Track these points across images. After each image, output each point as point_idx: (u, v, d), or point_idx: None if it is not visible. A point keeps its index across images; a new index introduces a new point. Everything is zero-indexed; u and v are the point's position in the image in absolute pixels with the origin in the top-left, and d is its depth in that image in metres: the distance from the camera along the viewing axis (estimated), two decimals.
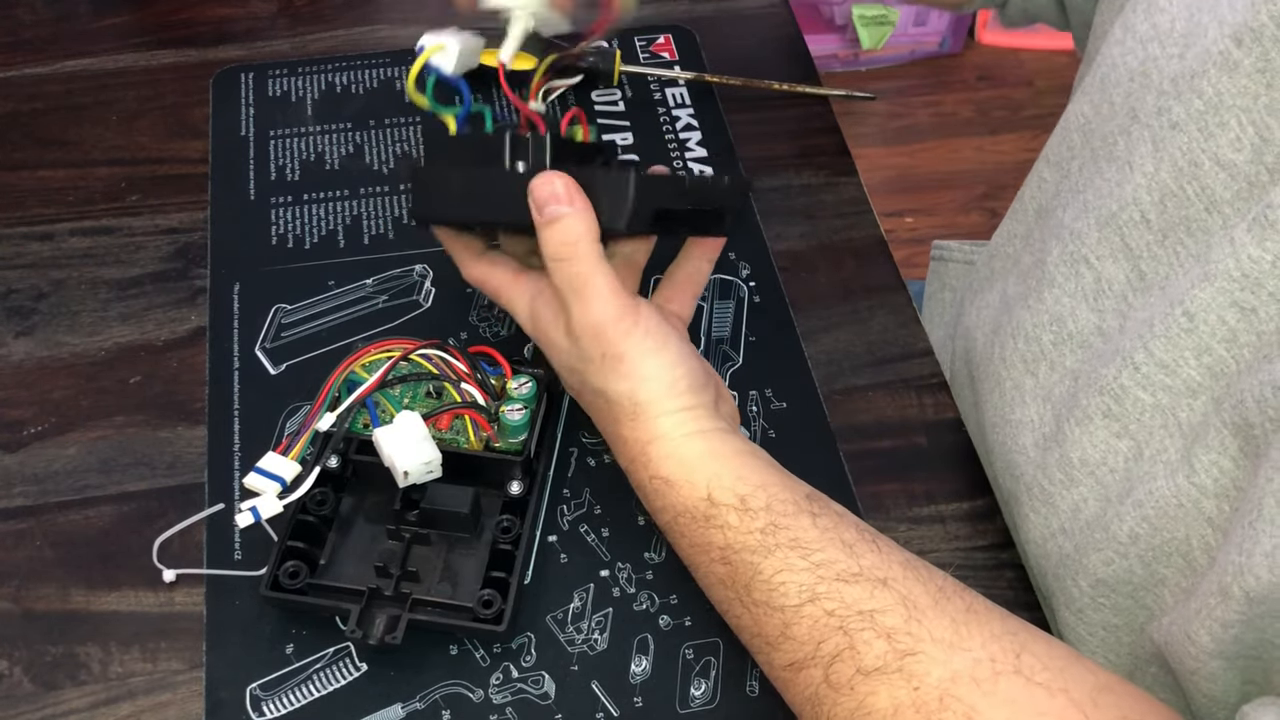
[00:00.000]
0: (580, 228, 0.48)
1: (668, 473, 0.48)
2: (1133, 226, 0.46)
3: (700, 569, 0.48)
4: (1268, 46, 0.40)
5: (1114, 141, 0.48)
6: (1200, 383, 0.43)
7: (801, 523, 0.45)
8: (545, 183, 0.48)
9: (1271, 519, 0.39)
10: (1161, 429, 0.45)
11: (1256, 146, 0.41)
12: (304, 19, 0.78)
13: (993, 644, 0.41)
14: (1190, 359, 0.43)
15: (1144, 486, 0.45)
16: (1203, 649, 0.43)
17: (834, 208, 0.69)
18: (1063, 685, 0.40)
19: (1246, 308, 0.41)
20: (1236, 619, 0.41)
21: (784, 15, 0.80)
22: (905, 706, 0.40)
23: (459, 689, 0.50)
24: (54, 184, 0.68)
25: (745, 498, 0.46)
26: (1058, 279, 0.51)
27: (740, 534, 0.46)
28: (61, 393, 0.59)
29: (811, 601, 0.43)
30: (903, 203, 1.66)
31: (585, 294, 0.48)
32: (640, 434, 0.49)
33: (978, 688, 0.40)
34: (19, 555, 0.53)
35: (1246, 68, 0.41)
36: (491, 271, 0.54)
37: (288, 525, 0.51)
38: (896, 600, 0.43)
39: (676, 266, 0.56)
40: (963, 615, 0.42)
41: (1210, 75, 0.42)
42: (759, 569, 0.45)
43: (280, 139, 0.70)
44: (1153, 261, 0.46)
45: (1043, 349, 0.52)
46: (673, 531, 0.49)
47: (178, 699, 0.50)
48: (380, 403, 0.54)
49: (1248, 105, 0.41)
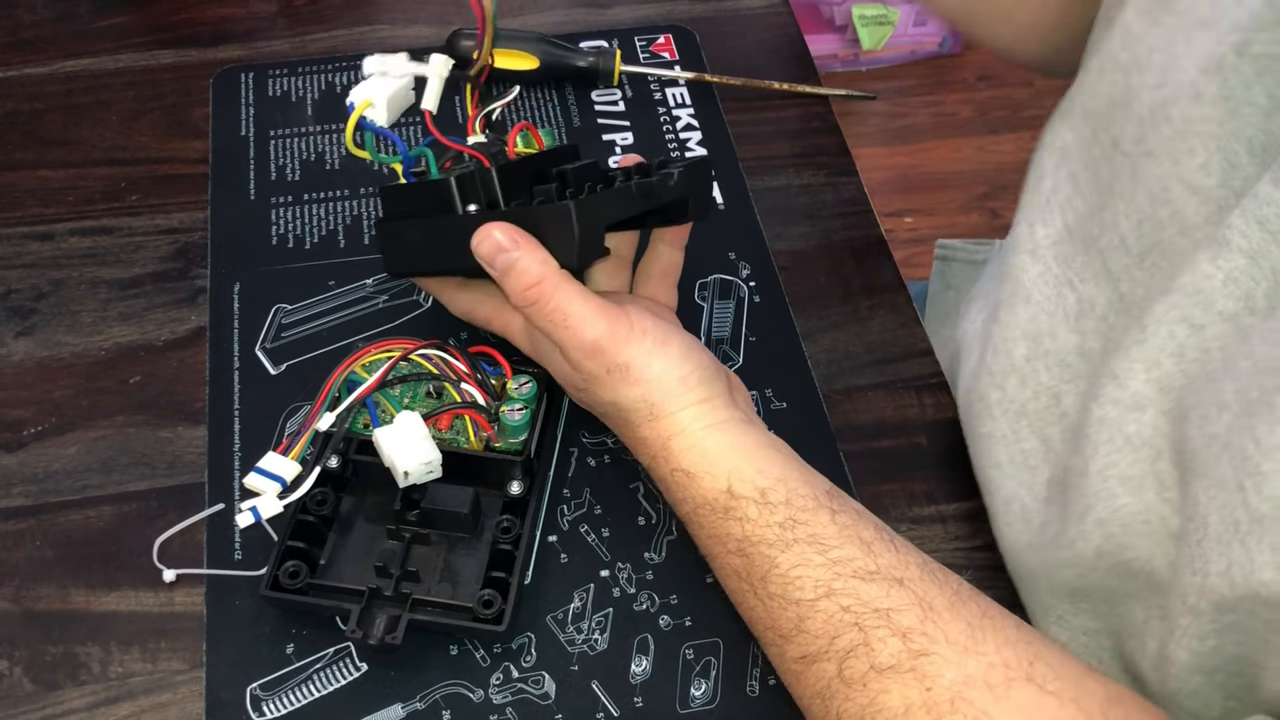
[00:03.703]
0: (535, 267, 0.47)
1: (689, 465, 0.48)
2: (1113, 250, 0.47)
3: (717, 560, 0.48)
4: (1228, 75, 0.41)
5: (1096, 169, 0.49)
6: (1148, 396, 0.44)
7: (820, 519, 0.45)
8: (484, 238, 0.48)
9: (1218, 537, 0.39)
10: (1107, 443, 0.45)
11: (1224, 170, 0.42)
12: (304, 19, 0.78)
13: (1007, 650, 0.41)
14: (1139, 372, 0.44)
15: (1105, 504, 0.45)
16: (1183, 666, 0.43)
17: (834, 208, 0.69)
18: (1074, 695, 0.40)
19: (1196, 324, 0.42)
20: (1211, 630, 0.41)
21: (784, 15, 0.80)
22: (916, 706, 0.40)
23: (459, 689, 0.50)
24: (54, 184, 0.68)
25: (765, 491, 0.46)
26: (1035, 296, 0.51)
27: (759, 527, 0.46)
28: (61, 393, 0.59)
29: (827, 596, 0.43)
30: (903, 203, 1.65)
31: (570, 325, 0.48)
32: (660, 431, 0.49)
33: (990, 692, 0.40)
34: (19, 555, 0.53)
35: (1211, 95, 0.42)
36: (477, 301, 0.54)
37: (288, 525, 0.51)
38: (913, 600, 0.43)
39: (649, 262, 0.56)
40: (978, 620, 0.42)
41: (1180, 104, 0.43)
42: (775, 562, 0.45)
43: (280, 139, 0.70)
44: (1131, 284, 0.46)
45: (1014, 363, 0.52)
46: (692, 523, 0.49)
47: (178, 699, 0.50)
48: (380, 403, 0.54)
49: (1214, 131, 0.42)
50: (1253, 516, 0.37)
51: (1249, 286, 0.40)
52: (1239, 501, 0.38)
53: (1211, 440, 0.40)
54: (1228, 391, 0.39)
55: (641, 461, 0.52)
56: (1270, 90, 0.40)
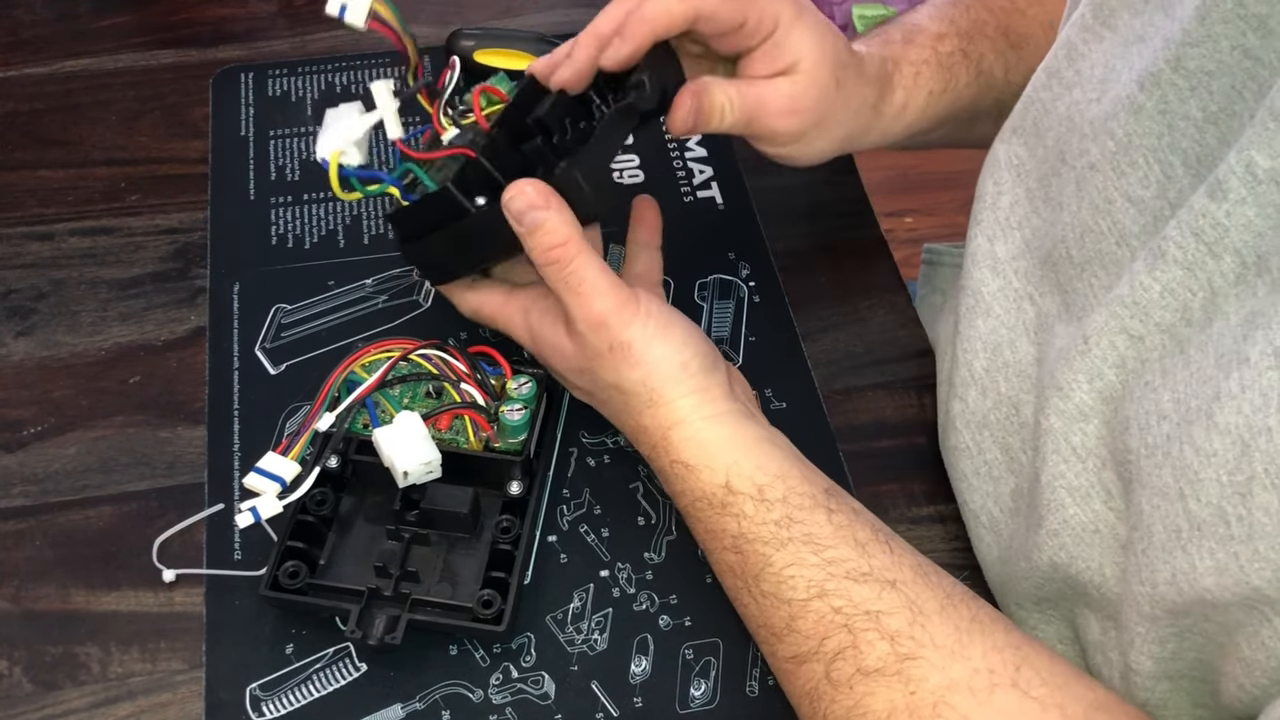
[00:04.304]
0: (562, 228, 0.48)
1: (688, 457, 0.48)
2: (1061, 262, 0.48)
3: (713, 555, 0.48)
4: (1166, 90, 0.42)
5: (1047, 183, 0.49)
6: (1091, 407, 0.44)
7: (816, 518, 0.46)
8: (517, 193, 0.48)
9: (1162, 545, 0.39)
10: (1054, 454, 0.45)
11: (1161, 183, 0.42)
12: (304, 19, 0.78)
13: (993, 655, 0.41)
14: (1083, 382, 0.44)
15: (1056, 515, 0.46)
16: (1148, 674, 0.43)
17: (834, 208, 0.69)
18: (1058, 701, 0.40)
19: (1135, 335, 0.42)
20: (1170, 634, 0.41)
21: None
22: (900, 710, 0.41)
23: (459, 689, 0.50)
24: (54, 184, 0.68)
25: (763, 488, 0.46)
26: (995, 310, 0.52)
27: (754, 524, 0.46)
28: (61, 393, 0.59)
29: (819, 597, 0.44)
30: (903, 203, 1.65)
31: (583, 291, 0.48)
32: (660, 419, 0.49)
33: (973, 697, 0.40)
34: (19, 555, 0.54)
35: (1149, 110, 0.42)
36: (483, 299, 0.55)
37: (288, 525, 0.51)
38: (903, 603, 0.43)
39: (629, 266, 0.56)
40: (967, 624, 0.43)
41: (1120, 118, 0.44)
42: (770, 560, 0.45)
43: (280, 139, 0.70)
44: (1074, 295, 0.47)
45: (974, 374, 0.52)
46: (690, 516, 0.49)
47: (178, 699, 0.50)
48: (380, 403, 0.54)
49: (1153, 145, 0.43)
50: (1193, 523, 0.38)
51: (1185, 298, 0.40)
52: (1180, 510, 0.38)
53: (1153, 450, 0.40)
54: (1165, 401, 0.40)
55: (642, 452, 0.52)
56: (1203, 104, 0.41)
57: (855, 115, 0.55)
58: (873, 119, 0.57)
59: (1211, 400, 0.37)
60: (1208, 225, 0.39)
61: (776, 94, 0.52)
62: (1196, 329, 0.40)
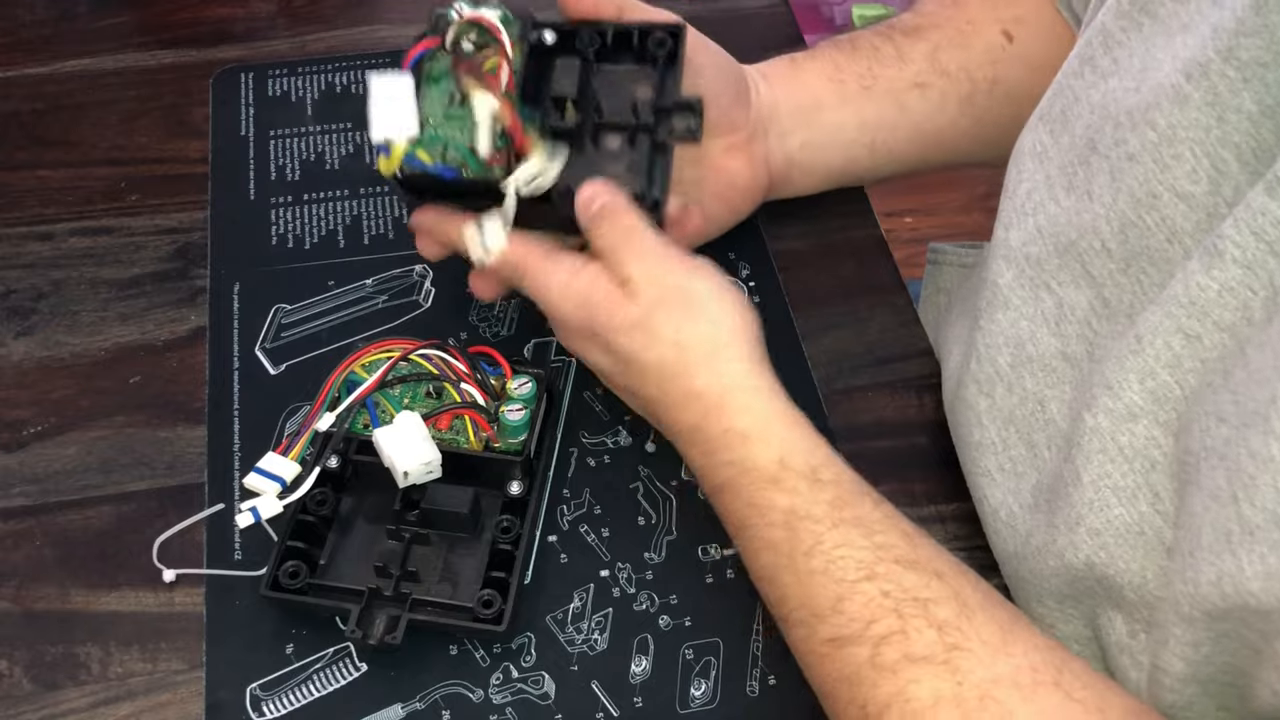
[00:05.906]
0: (621, 199, 0.50)
1: (744, 426, 0.47)
2: (1093, 255, 0.47)
3: (751, 531, 0.47)
4: (1215, 80, 0.41)
5: (1072, 171, 0.48)
6: (1141, 407, 0.44)
7: (865, 504, 0.46)
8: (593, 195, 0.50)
9: (1210, 547, 0.39)
10: (1100, 453, 0.45)
11: (1213, 178, 0.41)
12: (304, 19, 0.78)
13: (1035, 655, 0.41)
14: (1134, 382, 0.44)
15: (1099, 515, 0.45)
16: (1178, 677, 0.43)
17: (834, 208, 0.69)
18: (1100, 705, 0.40)
19: (1191, 335, 0.41)
20: (1205, 637, 0.41)
21: (784, 15, 0.80)
22: (946, 700, 0.40)
23: (459, 689, 0.50)
24: (54, 184, 0.68)
25: (817, 469, 0.46)
26: (1014, 302, 0.51)
27: (808, 501, 0.45)
28: (61, 393, 0.59)
29: (869, 579, 0.43)
30: (903, 203, 1.65)
31: (639, 241, 0.49)
32: (716, 382, 0.48)
33: (1018, 693, 0.40)
34: (19, 555, 0.53)
35: (1196, 101, 0.41)
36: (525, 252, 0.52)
37: (288, 525, 0.51)
38: (950, 594, 0.43)
39: None
40: (1009, 623, 0.43)
41: (1163, 108, 0.43)
42: (821, 538, 0.44)
43: (280, 139, 0.70)
44: (1116, 289, 0.46)
45: (999, 370, 0.52)
46: (731, 489, 0.47)
47: (178, 699, 0.50)
48: (380, 403, 0.54)
49: (1200, 138, 0.41)
50: (1245, 527, 0.37)
51: (1246, 297, 0.39)
52: (1232, 513, 0.38)
53: (1209, 452, 0.40)
54: (1226, 403, 0.39)
55: (683, 421, 0.49)
56: (1258, 97, 0.40)
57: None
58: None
59: (1268, 404, 0.37)
60: (1268, 224, 0.38)
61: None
62: (1257, 329, 0.39)
